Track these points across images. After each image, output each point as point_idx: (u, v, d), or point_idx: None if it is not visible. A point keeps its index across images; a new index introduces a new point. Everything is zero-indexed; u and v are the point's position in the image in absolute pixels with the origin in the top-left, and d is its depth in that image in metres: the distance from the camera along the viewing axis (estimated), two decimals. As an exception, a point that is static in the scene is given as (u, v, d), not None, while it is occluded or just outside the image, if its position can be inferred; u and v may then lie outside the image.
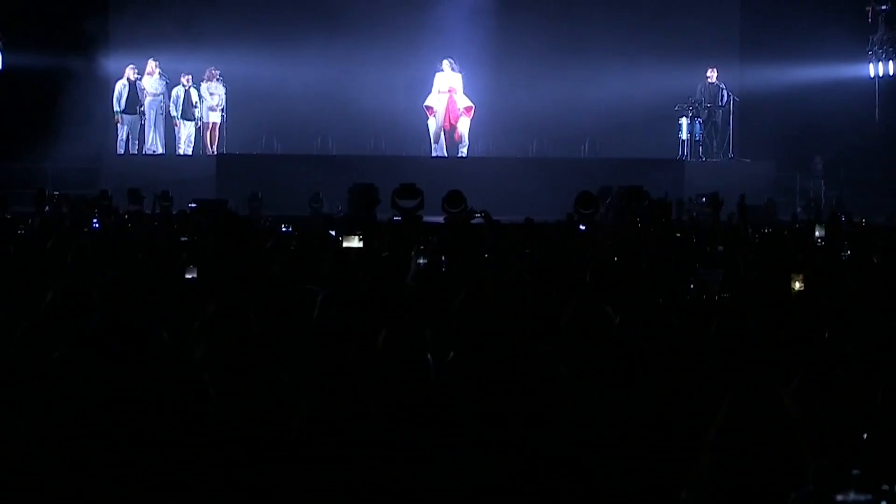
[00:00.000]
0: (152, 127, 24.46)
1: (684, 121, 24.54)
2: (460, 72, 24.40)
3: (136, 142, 24.50)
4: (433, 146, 24.48)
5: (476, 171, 22.61)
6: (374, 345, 5.54)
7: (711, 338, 5.87)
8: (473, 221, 14.48)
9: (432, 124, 24.50)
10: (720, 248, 11.13)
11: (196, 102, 24.60)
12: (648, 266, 8.45)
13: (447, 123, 24.38)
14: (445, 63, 24.26)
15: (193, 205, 18.31)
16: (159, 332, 5.65)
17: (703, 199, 20.37)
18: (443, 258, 9.26)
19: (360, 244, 10.33)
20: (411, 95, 24.94)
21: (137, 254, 8.67)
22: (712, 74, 25.07)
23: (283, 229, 14.37)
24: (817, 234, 12.45)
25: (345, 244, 10.42)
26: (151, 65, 24.50)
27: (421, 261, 8.87)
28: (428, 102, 24.39)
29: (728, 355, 5.68)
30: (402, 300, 7.23)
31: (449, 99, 24.28)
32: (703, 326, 6.07)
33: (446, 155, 24.41)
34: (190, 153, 24.63)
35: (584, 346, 5.72)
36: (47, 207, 18.58)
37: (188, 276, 7.94)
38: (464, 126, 24.42)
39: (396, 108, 25.13)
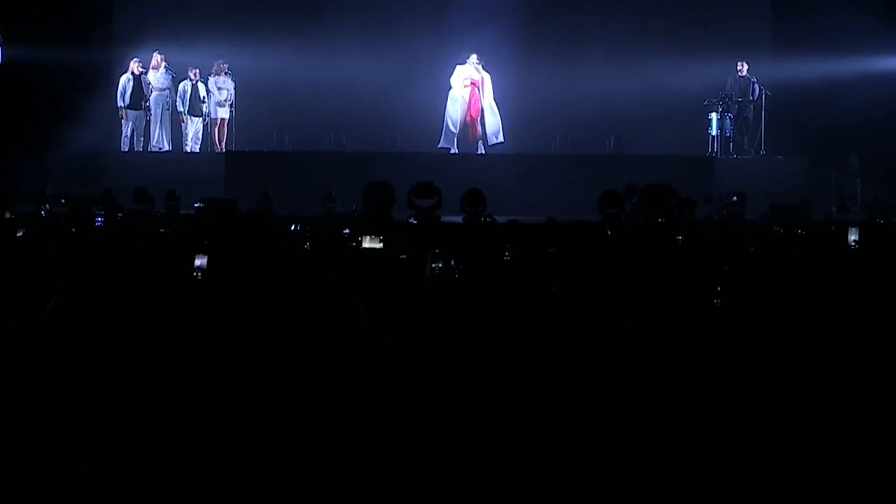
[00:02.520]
0: (158, 123, 24.49)
1: (714, 116, 24.48)
2: (482, 65, 24.28)
3: (141, 139, 24.52)
4: (453, 140, 24.37)
5: (496, 169, 22.59)
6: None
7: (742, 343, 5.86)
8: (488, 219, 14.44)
9: (450, 117, 24.37)
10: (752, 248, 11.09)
11: (204, 97, 24.62)
12: (678, 269, 8.42)
13: (468, 117, 24.31)
14: (473, 57, 24.16)
15: (199, 204, 18.25)
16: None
17: (734, 197, 20.34)
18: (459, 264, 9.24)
19: (380, 245, 10.32)
20: (429, 89, 24.92)
21: (146, 255, 8.69)
22: (743, 68, 25.00)
23: (293, 228, 14.35)
24: (852, 238, 12.28)
25: (364, 245, 10.41)
26: (157, 58, 24.51)
27: (437, 264, 8.85)
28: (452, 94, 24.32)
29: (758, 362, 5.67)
30: (420, 304, 7.24)
31: (471, 92, 24.21)
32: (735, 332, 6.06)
33: (457, 151, 24.34)
34: (197, 150, 24.65)
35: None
36: (49, 206, 18.60)
37: (198, 262, 7.97)
38: (485, 120, 24.32)
39: (413, 102, 25.13)
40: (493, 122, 24.40)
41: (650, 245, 11.06)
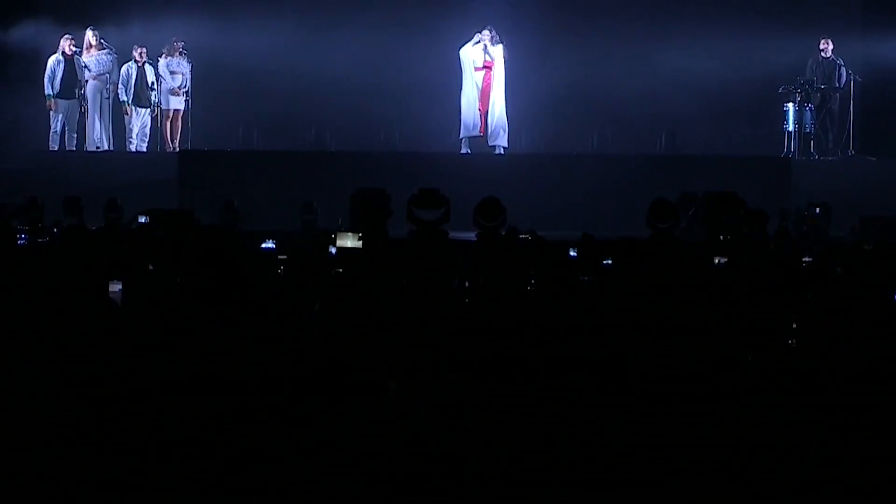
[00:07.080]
0: (96, 116, 24.53)
1: (791, 107, 24.52)
2: (501, 43, 24.27)
3: (75, 135, 24.56)
4: (462, 140, 24.42)
5: (519, 173, 22.61)
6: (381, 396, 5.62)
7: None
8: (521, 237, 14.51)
9: (465, 108, 24.37)
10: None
11: (153, 84, 24.66)
12: (745, 299, 8.45)
13: (481, 108, 24.31)
14: (486, 32, 24.16)
15: (145, 218, 18.23)
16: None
17: (817, 209, 20.35)
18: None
19: (359, 244, 10.47)
20: (433, 75, 24.94)
21: (79, 281, 8.73)
22: (827, 48, 25.04)
23: (265, 246, 14.40)
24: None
25: (339, 243, 10.56)
26: (92, 35, 24.56)
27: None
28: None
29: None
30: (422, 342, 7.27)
31: (485, 78, 24.22)
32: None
33: (469, 151, 24.34)
34: (144, 149, 24.69)
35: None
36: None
37: (113, 288, 8.06)
38: (499, 113, 24.30)
39: (413, 91, 25.16)
40: (497, 123, 24.25)
41: (710, 268, 11.08)
